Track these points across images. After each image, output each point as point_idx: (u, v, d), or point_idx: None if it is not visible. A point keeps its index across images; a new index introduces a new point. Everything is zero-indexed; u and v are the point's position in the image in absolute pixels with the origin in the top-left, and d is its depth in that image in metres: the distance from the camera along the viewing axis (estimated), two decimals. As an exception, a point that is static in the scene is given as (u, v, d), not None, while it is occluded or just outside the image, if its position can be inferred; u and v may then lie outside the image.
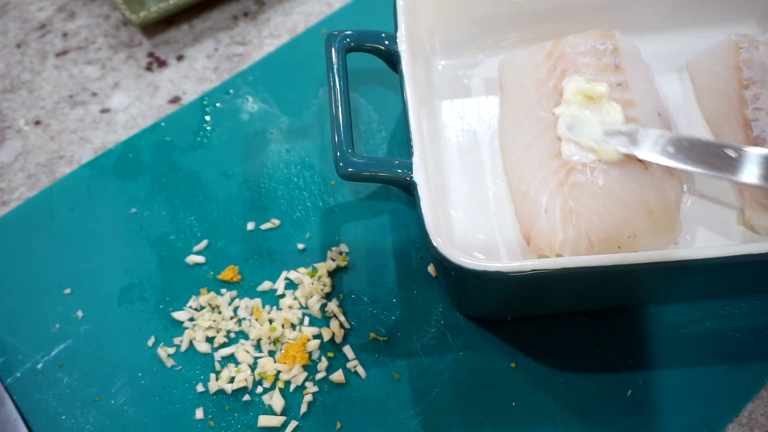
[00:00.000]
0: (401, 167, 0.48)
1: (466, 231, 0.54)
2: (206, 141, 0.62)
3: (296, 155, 0.61)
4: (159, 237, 0.57)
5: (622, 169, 0.49)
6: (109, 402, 0.51)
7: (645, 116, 0.52)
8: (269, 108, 0.64)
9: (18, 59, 0.69)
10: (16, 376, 0.52)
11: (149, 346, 0.53)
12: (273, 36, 0.70)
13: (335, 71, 0.52)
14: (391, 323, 0.53)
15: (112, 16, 0.72)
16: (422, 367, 0.51)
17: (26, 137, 0.64)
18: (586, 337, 0.52)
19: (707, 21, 0.62)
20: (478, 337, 0.52)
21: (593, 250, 0.49)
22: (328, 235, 0.57)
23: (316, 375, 0.51)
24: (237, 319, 0.54)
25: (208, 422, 0.50)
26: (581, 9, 0.61)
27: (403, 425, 0.49)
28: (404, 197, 0.58)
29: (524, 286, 0.46)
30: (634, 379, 0.50)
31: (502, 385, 0.50)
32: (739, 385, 0.50)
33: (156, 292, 0.55)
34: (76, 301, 0.54)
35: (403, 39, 0.53)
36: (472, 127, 0.59)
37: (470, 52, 0.62)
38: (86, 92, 0.67)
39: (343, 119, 0.50)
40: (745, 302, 0.53)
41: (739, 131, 0.54)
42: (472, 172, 0.56)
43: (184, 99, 0.66)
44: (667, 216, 0.50)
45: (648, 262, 0.43)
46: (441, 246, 0.44)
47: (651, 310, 0.53)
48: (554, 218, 0.49)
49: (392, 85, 0.63)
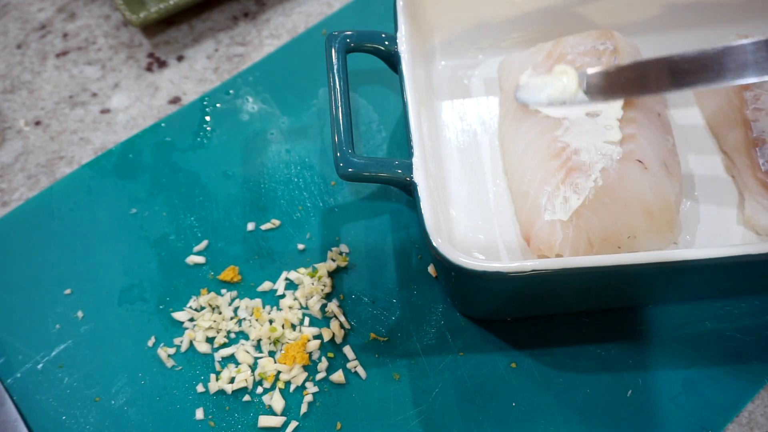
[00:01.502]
0: (401, 168, 0.48)
1: (466, 231, 0.54)
2: (206, 141, 0.62)
3: (296, 156, 0.61)
4: (159, 237, 0.57)
5: (621, 170, 0.49)
6: (110, 402, 0.51)
7: (644, 116, 0.52)
8: (269, 108, 0.64)
9: (18, 60, 0.69)
10: (17, 376, 0.52)
11: (149, 346, 0.53)
12: (273, 36, 0.70)
13: (335, 72, 0.52)
14: (391, 323, 0.53)
15: (112, 17, 0.72)
16: (422, 368, 0.51)
17: (26, 138, 0.64)
18: (586, 337, 0.52)
19: (707, 21, 0.62)
20: (478, 338, 0.52)
21: (593, 250, 0.49)
22: (328, 236, 0.57)
23: (316, 375, 0.51)
24: (237, 319, 0.54)
25: (209, 422, 0.50)
26: (581, 9, 0.61)
27: (403, 425, 0.49)
28: (404, 197, 0.58)
29: (524, 286, 0.46)
30: (634, 379, 0.50)
31: (502, 385, 0.50)
32: (739, 385, 0.50)
33: (156, 292, 0.55)
34: (76, 302, 0.54)
35: (403, 39, 0.54)
36: (472, 127, 0.59)
37: (470, 52, 0.62)
38: (86, 93, 0.67)
39: (343, 119, 0.50)
40: (745, 302, 0.53)
41: (739, 131, 0.54)
42: (472, 172, 0.57)
43: (184, 99, 0.66)
44: (666, 216, 0.50)
45: (648, 263, 0.43)
46: (441, 246, 0.44)
47: (651, 310, 0.53)
48: (554, 218, 0.49)
49: (392, 86, 0.63)
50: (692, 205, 0.54)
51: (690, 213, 0.54)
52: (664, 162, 0.51)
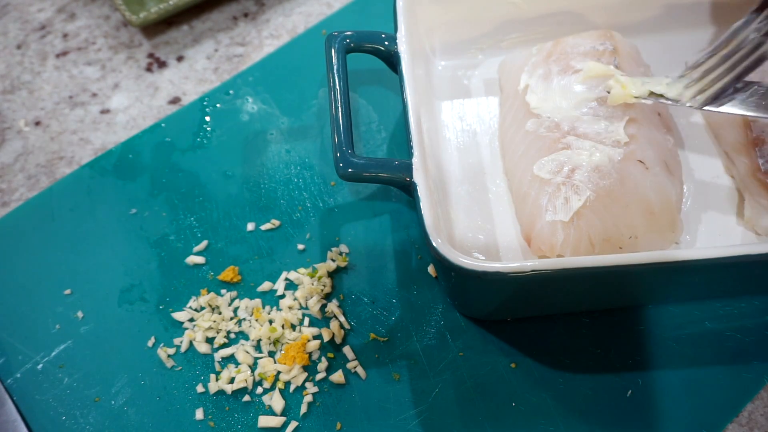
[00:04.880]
0: (401, 168, 0.48)
1: (466, 231, 0.54)
2: (206, 142, 0.62)
3: (296, 156, 0.61)
4: (159, 237, 0.57)
5: (622, 170, 0.49)
6: (109, 402, 0.51)
7: (644, 116, 0.52)
8: (269, 109, 0.64)
9: (18, 60, 0.69)
10: (17, 376, 0.52)
11: (149, 346, 0.53)
12: (273, 37, 0.70)
13: (335, 72, 0.52)
14: (391, 324, 0.53)
15: (112, 17, 0.72)
16: (422, 368, 0.51)
17: (26, 138, 0.64)
18: (586, 337, 0.52)
19: (707, 21, 0.62)
20: (478, 338, 0.52)
21: (594, 250, 0.49)
22: (328, 236, 0.57)
23: (316, 375, 0.51)
24: (237, 319, 0.54)
25: (208, 423, 0.50)
26: (581, 10, 0.61)
27: (403, 425, 0.49)
28: (404, 198, 0.58)
29: (524, 286, 0.46)
30: (634, 379, 0.50)
31: (502, 386, 0.50)
32: (738, 385, 0.50)
33: (156, 292, 0.55)
34: (76, 302, 0.54)
35: (403, 40, 0.54)
36: (472, 127, 0.59)
37: (470, 52, 0.62)
38: (86, 93, 0.67)
39: (343, 120, 0.50)
40: (745, 302, 0.53)
41: (739, 131, 0.54)
42: (472, 172, 0.57)
43: (184, 100, 0.66)
44: (668, 216, 0.50)
45: (648, 263, 0.43)
46: (441, 246, 0.44)
47: (651, 310, 0.53)
48: (555, 219, 0.49)
49: (392, 86, 0.63)
50: (692, 206, 0.54)
51: (690, 213, 0.54)
52: (665, 162, 0.51)
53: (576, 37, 0.56)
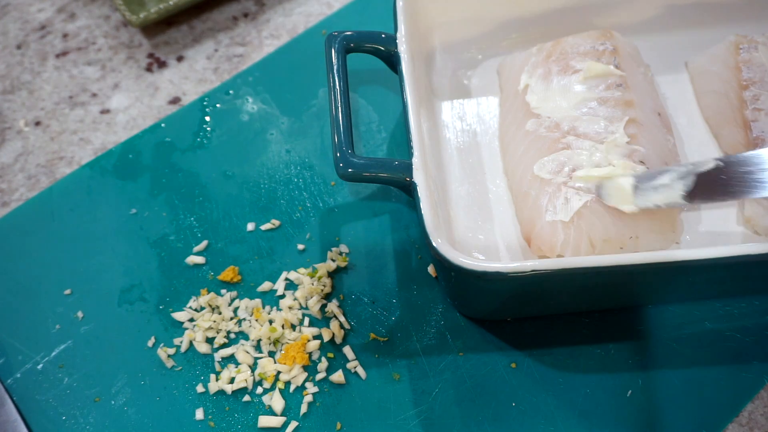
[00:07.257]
0: (401, 168, 0.48)
1: (466, 231, 0.54)
2: (206, 142, 0.62)
3: (296, 156, 0.61)
4: (159, 237, 0.57)
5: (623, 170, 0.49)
6: (110, 402, 0.51)
7: (644, 116, 0.52)
8: (269, 109, 0.64)
9: (18, 60, 0.69)
10: (17, 376, 0.52)
11: (149, 346, 0.53)
12: (273, 37, 0.70)
13: (335, 72, 0.52)
14: (391, 324, 0.53)
15: (112, 17, 0.72)
16: (422, 368, 0.51)
17: (26, 138, 0.64)
18: (586, 337, 0.52)
19: (707, 21, 0.62)
20: (478, 338, 0.52)
21: (594, 251, 0.49)
22: (328, 236, 0.57)
23: (316, 375, 0.51)
24: (237, 319, 0.54)
25: (209, 423, 0.50)
26: (581, 10, 0.61)
27: (403, 426, 0.49)
28: (404, 198, 0.58)
29: (524, 286, 0.46)
30: (634, 379, 0.50)
31: (502, 386, 0.50)
32: (739, 385, 0.50)
33: (156, 292, 0.55)
34: (76, 302, 0.54)
35: (402, 40, 0.54)
36: (472, 127, 0.59)
37: (470, 52, 0.62)
38: (86, 93, 0.67)
39: (343, 120, 0.50)
40: (745, 302, 0.53)
41: (739, 132, 0.54)
42: (472, 172, 0.56)
43: (184, 100, 0.66)
44: (668, 216, 0.50)
45: (648, 263, 0.43)
46: (441, 246, 0.44)
47: (651, 310, 0.53)
48: (555, 219, 0.49)
49: (392, 86, 0.63)
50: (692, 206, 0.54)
51: (690, 213, 0.54)
52: (665, 162, 0.51)
53: (576, 37, 0.56)
